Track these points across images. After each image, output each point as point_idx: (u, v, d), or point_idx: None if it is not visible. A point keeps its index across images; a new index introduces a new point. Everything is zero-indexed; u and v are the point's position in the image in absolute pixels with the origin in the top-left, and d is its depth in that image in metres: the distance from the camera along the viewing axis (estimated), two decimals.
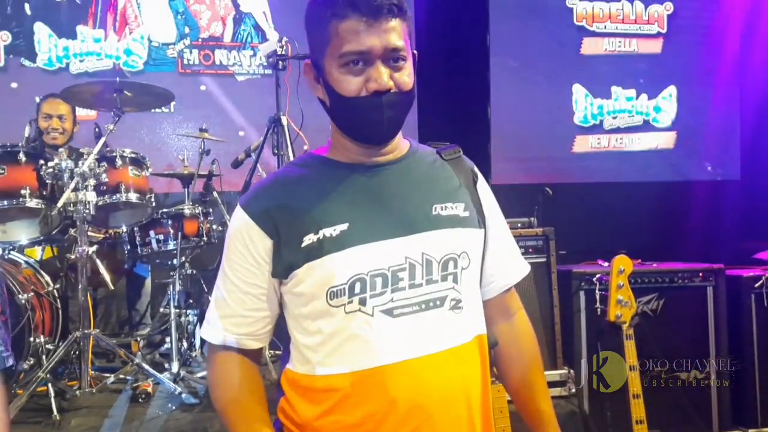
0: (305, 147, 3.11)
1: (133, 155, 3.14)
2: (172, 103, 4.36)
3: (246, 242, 1.16)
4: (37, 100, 3.84)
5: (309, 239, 1.12)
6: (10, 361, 1.28)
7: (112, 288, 3.28)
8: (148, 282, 3.77)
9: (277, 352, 3.20)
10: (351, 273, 1.11)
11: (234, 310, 1.19)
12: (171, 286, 3.36)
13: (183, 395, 2.83)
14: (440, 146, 1.28)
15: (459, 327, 1.16)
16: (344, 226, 1.12)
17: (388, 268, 1.12)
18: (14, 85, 4.41)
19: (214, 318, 1.21)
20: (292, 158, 3.10)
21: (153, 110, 4.23)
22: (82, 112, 4.26)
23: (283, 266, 1.14)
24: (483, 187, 1.27)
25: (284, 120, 3.12)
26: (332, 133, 1.22)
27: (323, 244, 1.12)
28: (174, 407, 2.78)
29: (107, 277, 3.21)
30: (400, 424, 1.11)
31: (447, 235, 1.16)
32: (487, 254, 1.25)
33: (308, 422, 1.16)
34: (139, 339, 3.44)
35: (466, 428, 1.15)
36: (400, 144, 1.22)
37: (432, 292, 1.14)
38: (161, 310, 3.63)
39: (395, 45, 1.08)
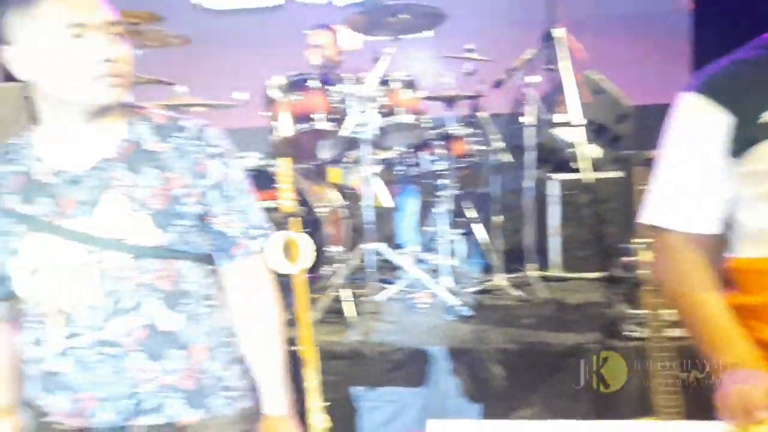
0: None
1: (407, 78, 3.24)
2: None
3: (701, 122, 1.19)
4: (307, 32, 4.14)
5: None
6: None
7: (390, 206, 3.49)
8: (414, 201, 3.95)
9: None
10: None
11: (688, 192, 1.22)
12: (439, 205, 3.49)
13: (460, 308, 2.97)
14: None
15: None
16: None
17: None
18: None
19: (662, 202, 1.25)
20: (567, 72, 2.97)
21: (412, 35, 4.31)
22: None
23: (741, 143, 1.16)
24: None
25: (559, 33, 2.98)
26: None
27: None
28: (452, 318, 2.93)
29: (385, 195, 3.42)
30: None
31: None
32: None
33: None
34: (409, 254, 3.65)
35: None
36: None
37: None
38: (428, 228, 3.79)
39: None
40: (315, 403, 2.17)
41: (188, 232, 1.21)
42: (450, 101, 3.59)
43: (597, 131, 3.66)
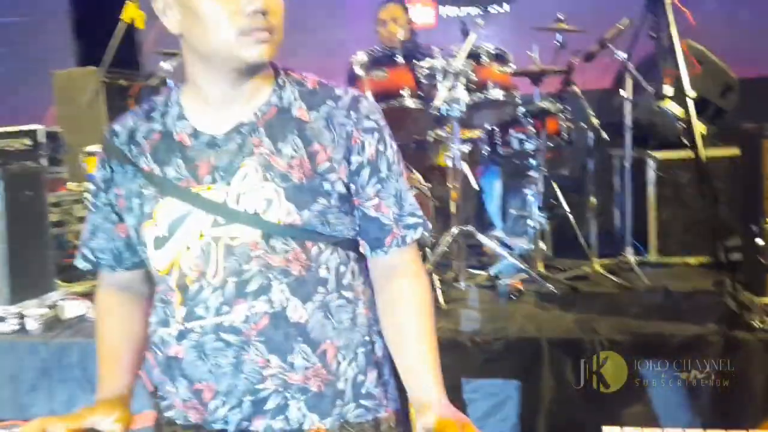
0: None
1: (497, 51, 3.06)
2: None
3: None
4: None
5: None
6: None
7: (477, 188, 3.31)
8: (499, 183, 3.76)
9: None
10: None
11: None
12: (529, 187, 3.29)
13: (558, 295, 2.78)
14: None
15: None
16: None
17: None
18: None
19: None
20: (676, 41, 2.72)
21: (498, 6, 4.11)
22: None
23: None
24: None
25: None
26: None
27: None
28: (550, 306, 2.74)
29: (471, 177, 3.24)
30: None
31: None
32: None
33: None
34: (497, 239, 3.47)
35: None
36: None
37: None
38: (513, 211, 3.60)
39: None
40: None
41: (329, 212, 1.07)
42: (539, 76, 3.37)
43: (699, 105, 3.37)
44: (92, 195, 1.17)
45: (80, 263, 1.21)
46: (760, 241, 1.81)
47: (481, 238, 2.97)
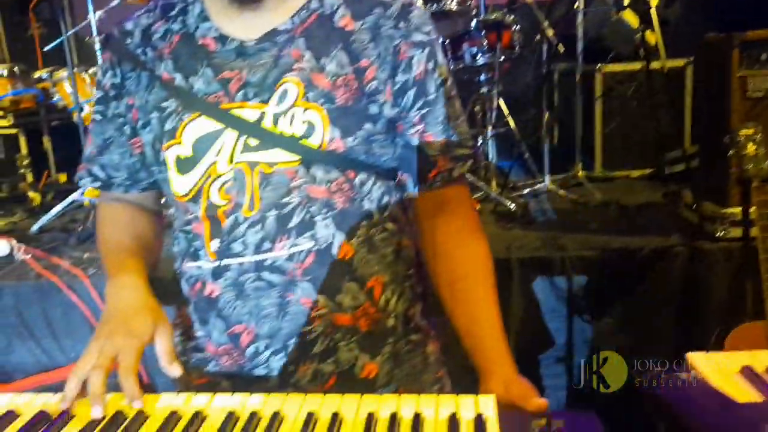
0: None
1: None
2: None
3: None
4: None
5: None
6: None
7: None
8: None
9: None
10: None
11: None
12: (479, 104, 3.19)
13: (517, 213, 2.75)
14: None
15: None
16: None
17: None
18: None
19: None
20: None
21: None
22: None
23: None
24: None
25: None
26: None
27: None
28: (510, 225, 2.70)
29: None
30: None
31: None
32: None
33: None
34: None
35: None
36: None
37: None
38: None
39: None
40: None
41: (374, 139, 0.93)
42: None
43: (645, 16, 3.33)
44: (100, 103, 1.00)
45: (86, 181, 1.04)
46: (729, 153, 1.78)
47: None
